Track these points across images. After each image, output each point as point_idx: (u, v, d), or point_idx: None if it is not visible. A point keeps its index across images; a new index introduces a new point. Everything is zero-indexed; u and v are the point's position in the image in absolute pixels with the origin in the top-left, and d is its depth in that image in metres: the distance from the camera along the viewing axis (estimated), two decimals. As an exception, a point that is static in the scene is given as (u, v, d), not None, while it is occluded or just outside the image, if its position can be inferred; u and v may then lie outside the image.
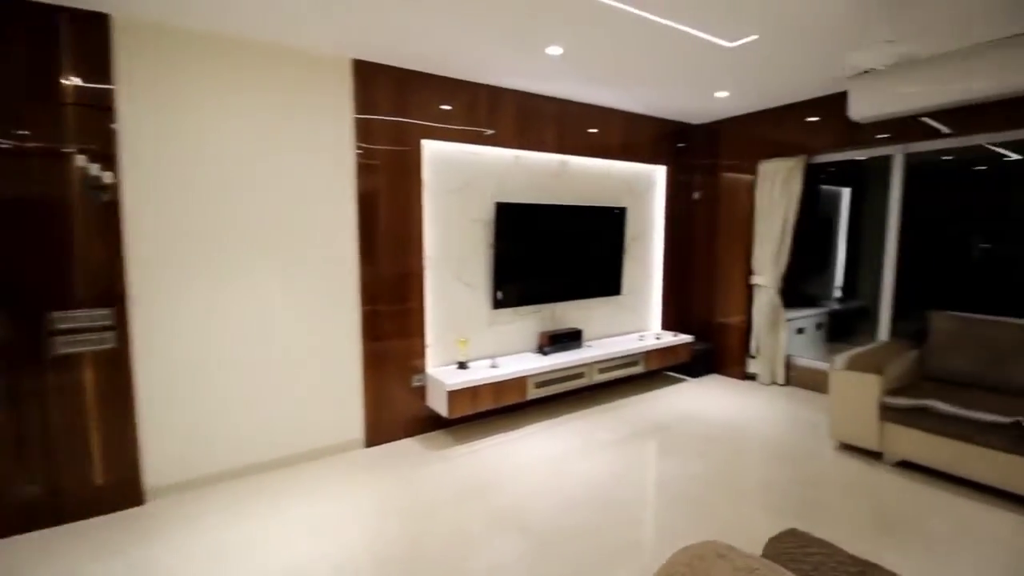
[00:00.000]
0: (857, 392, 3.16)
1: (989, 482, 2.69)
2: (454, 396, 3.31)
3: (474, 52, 3.09)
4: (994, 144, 3.76)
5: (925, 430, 2.89)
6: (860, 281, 6.30)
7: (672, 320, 5.14)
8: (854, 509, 2.63)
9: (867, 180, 6.11)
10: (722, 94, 4.02)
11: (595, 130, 4.31)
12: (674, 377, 4.94)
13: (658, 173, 4.90)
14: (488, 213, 3.78)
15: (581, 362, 3.94)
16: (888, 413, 3.04)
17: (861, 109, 3.63)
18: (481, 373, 3.50)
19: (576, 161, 4.27)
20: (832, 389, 3.29)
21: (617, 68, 3.37)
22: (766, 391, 4.52)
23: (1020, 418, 2.56)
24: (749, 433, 3.61)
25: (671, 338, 4.65)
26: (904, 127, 3.73)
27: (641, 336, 4.67)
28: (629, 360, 4.29)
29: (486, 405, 3.49)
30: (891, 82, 3.45)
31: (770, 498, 2.74)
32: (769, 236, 4.54)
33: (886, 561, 2.03)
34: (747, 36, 2.87)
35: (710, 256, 5.07)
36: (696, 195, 5.13)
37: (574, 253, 4.25)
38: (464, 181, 3.69)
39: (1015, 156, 5.57)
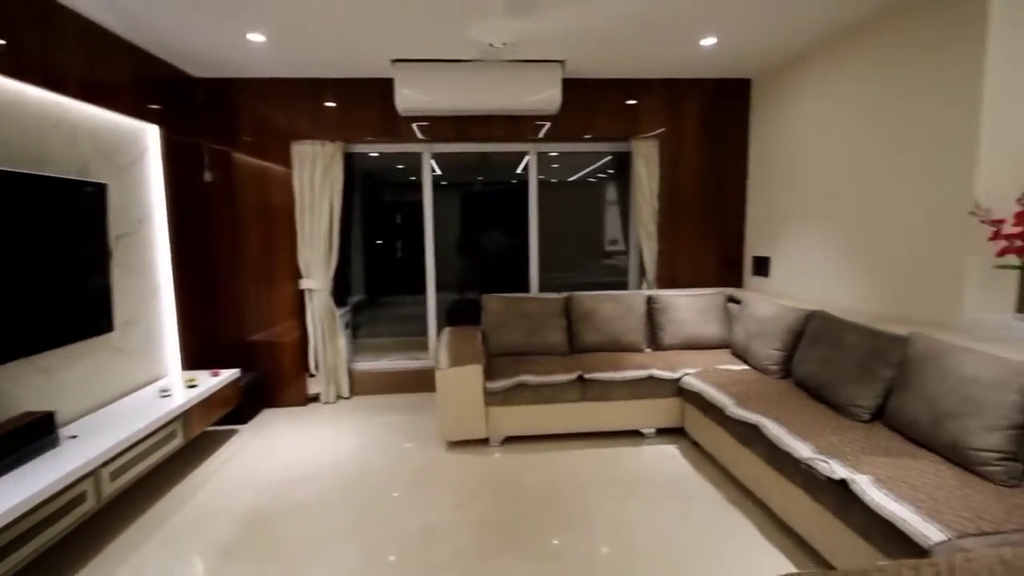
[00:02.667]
0: (464, 386, 3.09)
1: (566, 430, 3.23)
2: None
3: None
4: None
5: (520, 403, 3.15)
6: (351, 276, 6.62)
7: (199, 352, 3.60)
8: (514, 507, 2.50)
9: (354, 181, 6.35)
10: (257, 37, 2.96)
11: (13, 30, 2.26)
12: (223, 432, 3.49)
13: (150, 136, 3.21)
14: None
15: (70, 477, 2.02)
16: (490, 398, 3.13)
17: (403, 100, 3.53)
18: None
19: (-18, 80, 2.12)
20: (441, 390, 3.09)
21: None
22: (337, 411, 3.89)
23: (581, 372, 3.16)
24: (359, 475, 2.90)
25: (211, 380, 3.21)
26: (433, 126, 3.92)
27: (164, 390, 2.98)
28: (161, 436, 2.62)
29: None
30: (415, 80, 3.50)
31: (450, 543, 2.23)
32: (317, 232, 3.85)
33: (573, 548, 2.00)
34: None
35: (242, 258, 3.84)
36: (208, 176, 3.73)
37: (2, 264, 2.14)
38: None
39: (438, 171, 7.19)
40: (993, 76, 2.18)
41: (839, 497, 1.85)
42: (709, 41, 3.15)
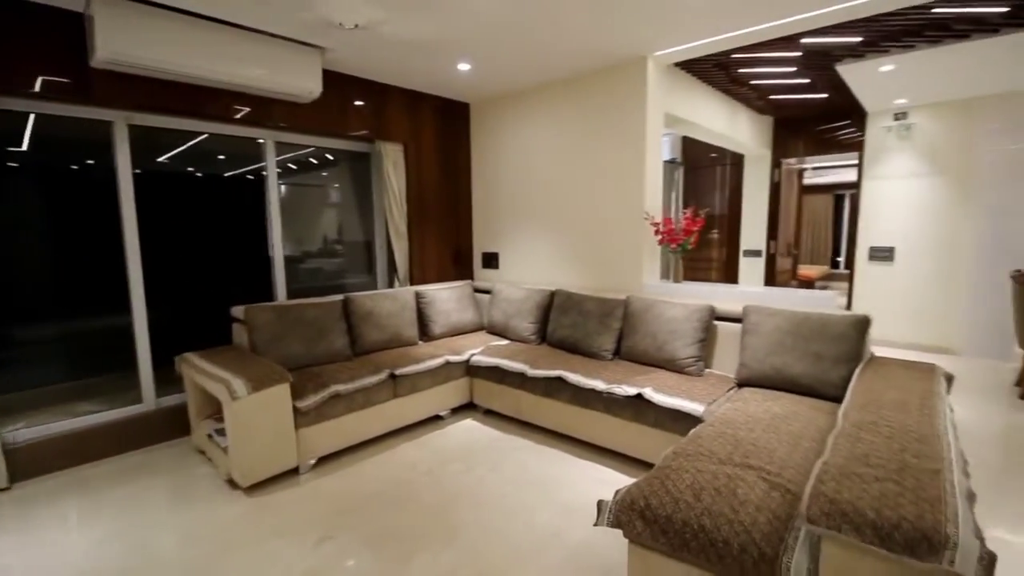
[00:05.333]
0: (270, 412, 2.62)
1: (379, 432, 3.19)
2: None
3: None
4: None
5: (332, 417, 2.91)
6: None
7: None
8: (382, 513, 2.39)
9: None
10: None
11: None
12: None
13: None
14: None
15: None
16: (301, 419, 2.76)
17: (110, 48, 2.61)
18: None
19: None
20: (237, 424, 2.52)
21: None
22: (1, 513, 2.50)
23: (391, 370, 3.16)
24: None
25: None
26: (149, 91, 2.97)
27: None
28: None
29: None
30: (131, 25, 2.70)
31: (352, 569, 2.01)
32: (-76, 231, 2.33)
33: (474, 521, 2.16)
34: None
35: None
36: None
37: None
38: None
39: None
40: (651, 129, 3.54)
41: (634, 408, 2.73)
42: (465, 67, 3.66)
